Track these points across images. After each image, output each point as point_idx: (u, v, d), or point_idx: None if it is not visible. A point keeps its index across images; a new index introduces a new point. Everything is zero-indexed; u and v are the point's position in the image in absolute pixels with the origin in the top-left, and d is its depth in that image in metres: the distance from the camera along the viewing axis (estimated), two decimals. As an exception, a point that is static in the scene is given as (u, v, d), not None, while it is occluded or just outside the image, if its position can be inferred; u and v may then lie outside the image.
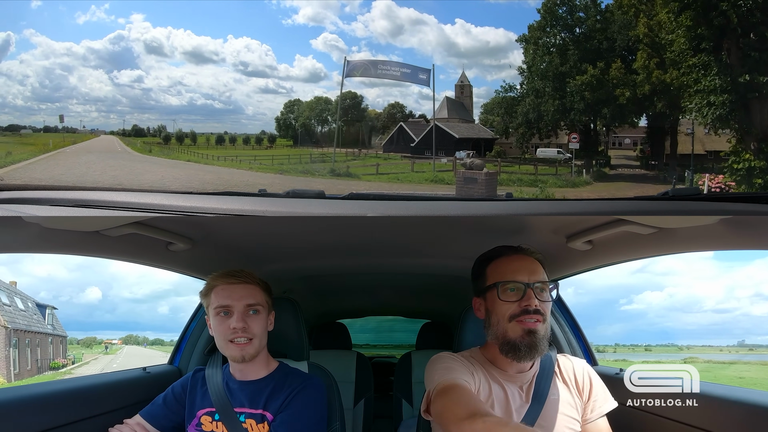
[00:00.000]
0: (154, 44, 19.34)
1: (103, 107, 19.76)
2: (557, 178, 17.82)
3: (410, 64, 18.44)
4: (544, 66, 18.78)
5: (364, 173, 17.76)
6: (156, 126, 20.59)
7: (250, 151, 20.44)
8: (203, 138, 20.99)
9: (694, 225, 1.59)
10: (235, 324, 1.60)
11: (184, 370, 2.36)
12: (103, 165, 16.06)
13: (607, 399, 1.55)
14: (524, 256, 1.51)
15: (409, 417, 2.77)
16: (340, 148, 20.27)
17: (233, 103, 20.28)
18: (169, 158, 19.52)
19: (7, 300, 3.56)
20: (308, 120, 21.45)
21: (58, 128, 18.87)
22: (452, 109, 21.50)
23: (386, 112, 22.11)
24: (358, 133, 21.06)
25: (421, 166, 18.76)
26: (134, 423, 1.68)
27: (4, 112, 17.33)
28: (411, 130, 21.39)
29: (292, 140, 21.57)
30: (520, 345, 1.42)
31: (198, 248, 1.95)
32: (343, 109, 20.51)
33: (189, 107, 19.90)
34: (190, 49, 19.76)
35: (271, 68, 20.52)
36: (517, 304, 1.44)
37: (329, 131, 21.13)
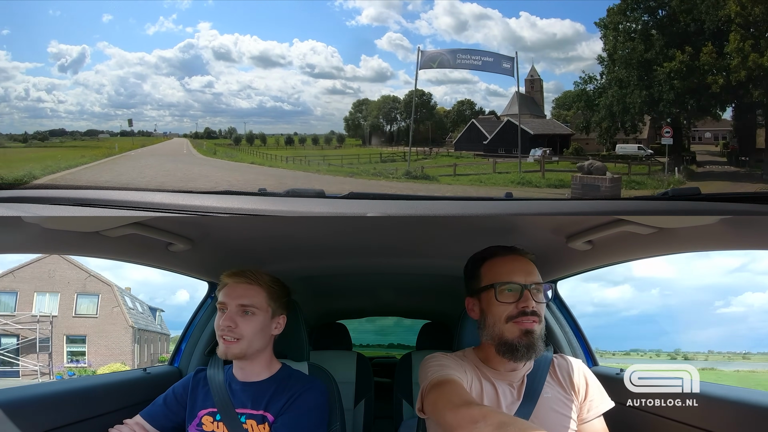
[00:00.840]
0: (222, 51, 19.90)
1: (177, 112, 20.46)
2: (651, 177, 15.83)
3: (492, 51, 17.26)
4: (627, 53, 16.69)
5: (439, 174, 16.18)
6: (227, 128, 20.72)
7: (318, 151, 20.27)
8: (273, 139, 21.07)
9: (694, 225, 1.59)
10: (223, 322, 1.62)
11: (184, 370, 2.36)
12: (157, 169, 15.76)
13: (604, 399, 1.55)
14: (519, 256, 1.51)
15: (410, 417, 2.77)
16: (411, 147, 19.63)
17: (302, 105, 20.65)
18: (232, 160, 19.11)
19: (131, 304, 3.64)
20: (377, 119, 21.24)
21: (134, 132, 19.47)
22: (523, 105, 20.05)
23: (455, 109, 21.52)
24: (428, 131, 20.58)
25: (504, 166, 16.93)
26: (134, 423, 1.69)
27: (83, 118, 18.32)
28: (483, 127, 20.43)
29: (361, 140, 21.40)
30: (518, 345, 1.42)
31: (198, 248, 1.95)
32: (411, 107, 20.07)
33: (259, 110, 20.38)
34: (257, 54, 20.18)
35: (338, 69, 20.73)
36: (514, 305, 1.44)
37: (398, 130, 20.93)
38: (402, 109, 21.09)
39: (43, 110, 17.71)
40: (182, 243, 1.87)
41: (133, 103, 19.35)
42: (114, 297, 10.03)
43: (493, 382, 1.48)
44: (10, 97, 17.00)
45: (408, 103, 20.74)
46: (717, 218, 1.52)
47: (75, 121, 18.37)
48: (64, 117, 18.03)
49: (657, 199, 1.77)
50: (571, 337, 2.47)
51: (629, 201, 1.93)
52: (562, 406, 1.51)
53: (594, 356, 2.50)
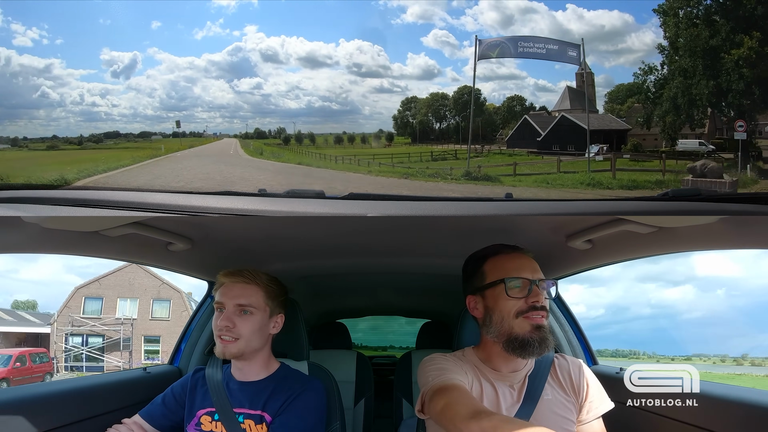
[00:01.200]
0: (270, 53, 20.12)
1: (227, 113, 20.80)
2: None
3: (556, 38, 15.94)
4: (690, 40, 15.21)
5: (498, 174, 15.05)
6: (276, 128, 20.87)
7: (368, 149, 19.96)
8: (322, 138, 20.99)
9: (693, 224, 1.59)
10: (221, 322, 1.62)
11: (184, 370, 2.36)
12: (195, 172, 15.45)
13: (603, 400, 1.54)
14: (522, 254, 1.51)
15: (410, 417, 2.77)
16: (461, 145, 19.22)
17: (350, 104, 20.53)
18: (278, 161, 18.60)
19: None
20: (426, 117, 20.96)
21: (186, 133, 19.95)
22: (574, 99, 19.08)
23: (505, 105, 20.72)
24: (478, 128, 19.81)
25: (566, 165, 15.45)
26: (132, 422, 1.69)
27: (136, 121, 18.97)
28: (536, 123, 19.26)
29: (410, 138, 21.16)
30: (530, 340, 1.41)
31: (197, 248, 1.95)
32: (460, 104, 19.84)
33: (307, 110, 20.39)
34: (304, 55, 20.35)
35: (385, 68, 20.35)
36: (524, 300, 1.43)
37: (447, 127, 20.65)
38: (451, 106, 20.77)
39: (97, 114, 18.48)
40: (182, 243, 1.87)
41: (184, 105, 19.87)
42: (182, 302, 11.95)
43: (493, 383, 1.47)
44: (65, 102, 17.67)
45: (457, 100, 20.38)
46: (717, 218, 1.52)
47: (128, 124, 19.16)
48: (118, 120, 18.78)
49: (657, 200, 1.76)
50: (571, 336, 2.47)
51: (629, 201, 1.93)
52: (562, 407, 1.50)
53: (594, 355, 2.51)
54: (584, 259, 2.00)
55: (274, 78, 20.63)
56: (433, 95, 21.21)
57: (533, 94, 23.11)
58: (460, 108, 19.93)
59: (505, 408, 1.45)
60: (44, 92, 17.17)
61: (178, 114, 19.39)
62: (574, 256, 1.97)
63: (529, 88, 22.26)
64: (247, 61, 19.62)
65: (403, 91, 20.69)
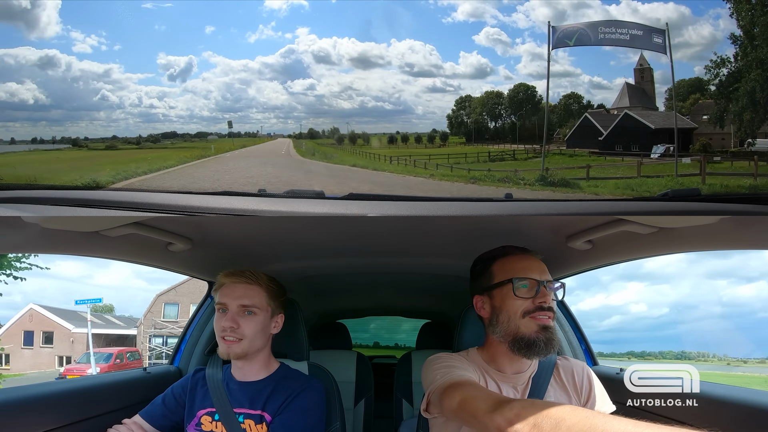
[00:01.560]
0: (322, 54, 20.24)
1: (281, 114, 20.89)
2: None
3: (640, 23, 14.26)
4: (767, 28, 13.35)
5: (571, 177, 13.58)
6: (330, 128, 20.98)
7: (422, 149, 19.70)
8: (375, 138, 20.80)
9: (693, 224, 1.59)
10: (224, 323, 1.62)
11: (184, 370, 2.36)
12: (238, 175, 15.06)
13: (605, 402, 1.55)
14: (531, 256, 1.52)
15: (410, 417, 2.77)
16: (517, 145, 18.63)
17: (403, 104, 20.45)
18: (331, 162, 17.91)
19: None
20: (480, 116, 20.57)
21: (240, 133, 20.28)
22: (633, 96, 17.88)
23: (561, 103, 19.77)
24: (534, 127, 19.25)
25: (649, 168, 13.89)
26: (132, 422, 1.69)
27: (193, 122, 19.60)
28: (597, 122, 17.98)
29: (465, 137, 20.77)
30: (536, 341, 1.41)
31: (198, 248, 1.95)
32: (516, 103, 19.36)
33: (360, 110, 20.32)
34: (356, 56, 20.36)
35: (437, 67, 20.10)
36: (531, 300, 1.43)
37: (503, 127, 20.24)
38: (506, 105, 20.28)
39: (155, 115, 19.15)
40: (182, 243, 1.87)
41: (239, 107, 20.25)
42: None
43: (498, 383, 1.47)
44: (124, 104, 18.35)
45: (512, 98, 19.84)
46: (717, 218, 1.52)
47: (185, 125, 19.62)
48: (175, 121, 19.37)
49: (657, 200, 1.76)
50: (572, 337, 2.48)
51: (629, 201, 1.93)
52: None
53: (594, 356, 2.51)
54: (585, 259, 2.00)
55: (326, 79, 20.69)
56: (487, 93, 20.71)
57: (588, 92, 21.39)
58: (516, 106, 19.42)
59: None
60: (104, 95, 17.96)
61: (233, 115, 19.94)
62: (574, 257, 1.97)
63: (583, 85, 20.88)
64: (299, 62, 19.89)
65: (455, 90, 20.46)
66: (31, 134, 17.33)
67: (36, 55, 16.95)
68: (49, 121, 17.55)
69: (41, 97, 17.12)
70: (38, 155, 16.49)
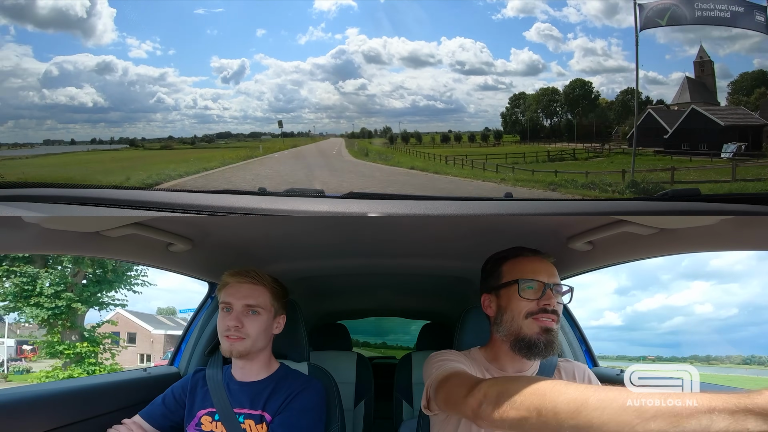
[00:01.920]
0: (372, 54, 20.43)
1: (333, 114, 21.17)
2: None
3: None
4: None
5: (660, 181, 12.48)
6: (382, 128, 21.06)
7: (476, 148, 19.15)
8: (428, 137, 20.66)
9: (694, 225, 1.58)
10: (229, 322, 1.63)
11: (184, 371, 2.36)
12: (281, 180, 14.52)
13: None
14: (542, 258, 1.53)
15: (410, 418, 2.77)
16: (575, 143, 17.79)
17: (454, 102, 20.34)
18: (387, 164, 16.89)
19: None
20: (535, 113, 19.98)
21: (294, 133, 20.61)
22: (695, 91, 16.51)
23: (619, 99, 18.89)
24: (591, 125, 18.54)
25: (741, 171, 12.32)
26: (132, 423, 1.69)
27: (247, 122, 20.19)
28: (661, 118, 16.49)
29: (519, 136, 20.27)
30: (537, 342, 1.43)
31: (198, 249, 1.95)
32: (572, 99, 18.70)
33: (412, 109, 20.34)
34: (406, 55, 20.43)
35: (488, 65, 19.91)
36: (536, 302, 1.45)
37: (559, 124, 19.64)
38: (562, 102, 19.55)
39: (210, 116, 20.00)
40: (182, 243, 1.87)
41: (291, 107, 20.59)
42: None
43: None
44: (180, 106, 19.25)
45: (568, 94, 19.07)
46: (718, 218, 1.52)
47: (240, 125, 20.25)
48: (229, 122, 20.12)
49: (657, 200, 1.76)
50: (572, 338, 2.48)
51: (628, 201, 1.92)
52: None
53: (594, 357, 2.51)
54: (585, 260, 2.00)
55: (378, 78, 20.78)
56: (542, 90, 20.04)
57: (643, 87, 20.46)
58: (572, 103, 18.66)
59: None
60: (160, 98, 18.78)
61: (285, 116, 20.25)
62: (575, 258, 1.97)
63: (638, 80, 20.23)
64: (350, 63, 20.07)
65: (507, 88, 20.11)
66: (90, 135, 18.30)
67: (93, 61, 17.88)
68: (108, 123, 18.46)
69: (100, 100, 17.98)
70: (95, 155, 17.24)
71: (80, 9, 16.87)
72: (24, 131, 17.80)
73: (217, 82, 21.68)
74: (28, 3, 16.51)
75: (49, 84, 17.46)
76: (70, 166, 15.55)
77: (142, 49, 18.60)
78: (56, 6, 16.89)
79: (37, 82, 17.48)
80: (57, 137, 17.98)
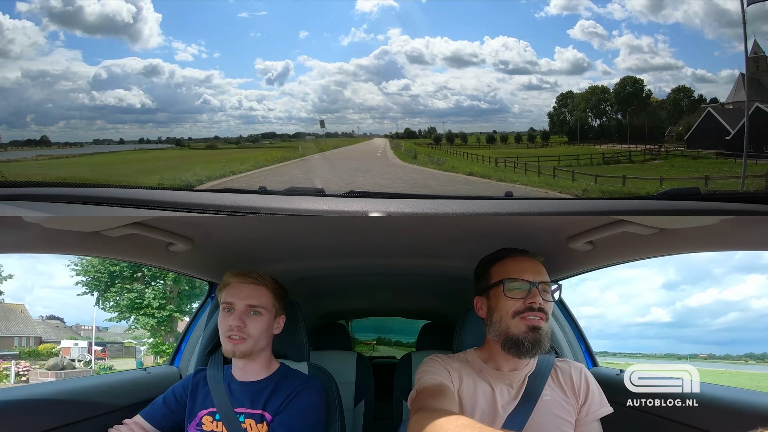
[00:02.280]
0: (415, 54, 20.42)
1: (377, 114, 21.36)
2: None
3: None
4: None
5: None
6: (426, 128, 21.05)
7: (524, 150, 18.52)
8: (473, 138, 20.28)
9: (695, 225, 1.58)
10: (231, 322, 1.63)
11: (184, 370, 2.36)
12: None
13: (603, 404, 1.56)
14: (529, 257, 1.55)
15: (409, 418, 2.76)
16: (629, 145, 16.82)
17: (498, 102, 20.03)
18: (439, 170, 15.09)
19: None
20: (584, 113, 19.34)
21: (339, 134, 20.77)
22: (751, 89, 15.47)
23: (670, 98, 18.00)
24: (643, 125, 17.57)
25: None
26: (133, 423, 1.69)
27: (291, 123, 20.36)
28: (722, 118, 15.31)
29: (566, 136, 19.65)
30: (524, 341, 1.45)
31: (198, 249, 1.95)
32: (623, 98, 17.93)
33: (456, 109, 20.13)
34: (449, 55, 20.37)
35: (532, 64, 19.46)
36: (522, 301, 1.47)
37: (608, 124, 18.94)
38: (612, 101, 18.75)
39: (255, 117, 20.28)
40: (183, 243, 1.87)
41: (335, 108, 20.76)
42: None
43: (491, 382, 1.51)
44: (225, 107, 19.67)
45: (619, 93, 18.07)
46: (718, 218, 1.52)
47: (284, 125, 20.54)
48: (274, 122, 20.38)
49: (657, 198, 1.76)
50: (572, 338, 2.47)
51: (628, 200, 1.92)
52: (561, 409, 1.52)
53: (594, 357, 2.50)
54: (585, 260, 2.00)
55: (421, 79, 20.75)
56: (591, 89, 19.28)
57: (691, 86, 19.38)
58: (623, 102, 17.87)
59: (502, 405, 1.49)
60: (206, 99, 19.32)
61: (330, 116, 20.62)
62: (575, 258, 1.97)
63: (686, 79, 18.98)
64: (393, 63, 20.18)
65: (552, 87, 19.70)
66: (138, 135, 19.07)
67: (141, 64, 18.54)
68: (156, 123, 19.17)
69: (147, 101, 18.66)
70: (139, 154, 17.97)
71: (126, 15, 17.62)
72: (74, 131, 18.63)
73: (262, 83, 21.96)
74: (76, 10, 17.34)
75: (99, 86, 18.25)
76: (114, 165, 16.21)
77: (187, 53, 19.22)
78: (103, 12, 17.72)
79: (87, 84, 18.25)
80: (106, 137, 18.85)
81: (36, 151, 16.92)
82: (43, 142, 17.54)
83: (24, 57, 17.53)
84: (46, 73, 17.82)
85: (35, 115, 18.04)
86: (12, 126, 17.71)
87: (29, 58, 17.53)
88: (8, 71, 17.38)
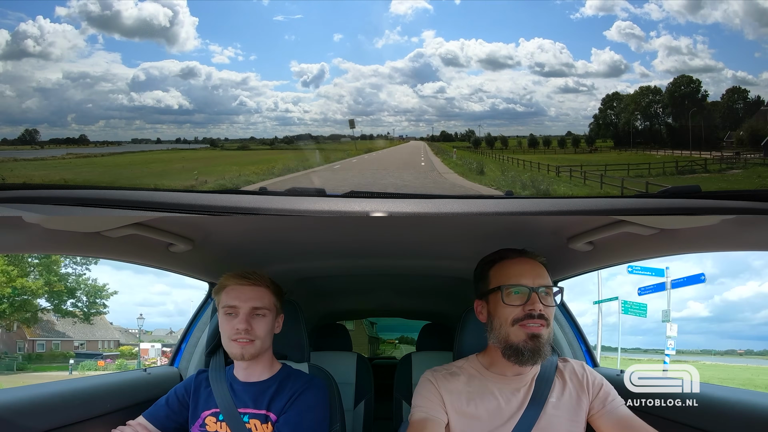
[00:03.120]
0: (450, 56, 20.63)
1: (412, 117, 21.66)
2: None
3: None
4: None
5: None
6: (463, 131, 20.91)
7: (571, 155, 16.95)
8: (514, 141, 19.99)
9: (696, 225, 1.58)
10: (238, 325, 1.62)
11: (184, 371, 2.36)
12: None
13: (611, 391, 1.54)
14: (528, 259, 1.50)
15: (410, 418, 2.76)
16: (690, 151, 15.35)
17: (534, 105, 20.14)
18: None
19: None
20: (633, 115, 18.06)
21: (374, 136, 20.92)
22: None
23: (724, 101, 16.82)
24: (700, 129, 16.27)
25: None
26: (137, 424, 1.69)
27: (327, 125, 20.84)
28: None
29: (612, 141, 18.45)
30: (523, 349, 1.41)
31: (199, 249, 1.94)
32: (677, 99, 16.77)
33: (492, 112, 20.52)
34: (484, 57, 20.50)
35: (568, 66, 19.62)
36: (521, 308, 1.43)
37: (659, 127, 17.67)
38: (666, 102, 17.42)
39: (291, 119, 20.97)
40: (183, 244, 1.87)
41: (370, 110, 21.11)
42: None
43: (495, 391, 1.48)
44: (262, 108, 20.30)
45: (672, 93, 16.85)
46: (719, 218, 1.51)
47: (320, 127, 21.01)
48: (310, 124, 20.88)
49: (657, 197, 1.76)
50: (572, 338, 2.47)
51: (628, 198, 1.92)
52: (569, 409, 1.49)
53: (594, 357, 2.50)
54: (586, 260, 2.00)
55: (456, 81, 20.84)
56: (642, 89, 18.13)
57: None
58: (677, 103, 16.73)
59: (510, 413, 1.45)
60: (242, 101, 19.92)
61: (365, 118, 20.96)
62: (575, 258, 1.96)
63: (726, 81, 18.00)
64: (428, 66, 20.21)
65: (589, 90, 19.37)
66: (176, 135, 19.52)
67: (178, 66, 19.39)
68: (193, 124, 19.92)
69: (185, 103, 19.22)
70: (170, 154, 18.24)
71: (163, 18, 18.26)
72: (114, 130, 19.15)
73: (298, 85, 22.89)
74: (115, 14, 17.94)
75: (137, 88, 18.85)
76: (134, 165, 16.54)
77: (224, 55, 19.93)
78: (140, 16, 18.30)
79: (126, 86, 18.85)
80: (145, 136, 19.23)
81: (65, 150, 17.21)
82: (81, 141, 18.07)
83: (64, 59, 18.27)
84: (87, 74, 18.58)
85: (76, 114, 18.61)
86: (54, 125, 18.27)
87: (70, 60, 18.51)
88: (50, 72, 18.17)
